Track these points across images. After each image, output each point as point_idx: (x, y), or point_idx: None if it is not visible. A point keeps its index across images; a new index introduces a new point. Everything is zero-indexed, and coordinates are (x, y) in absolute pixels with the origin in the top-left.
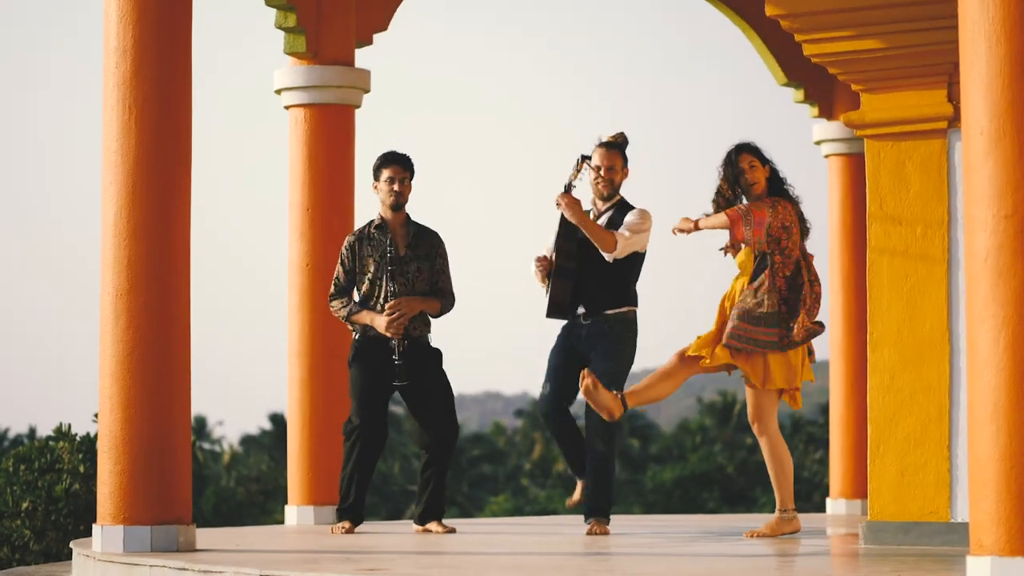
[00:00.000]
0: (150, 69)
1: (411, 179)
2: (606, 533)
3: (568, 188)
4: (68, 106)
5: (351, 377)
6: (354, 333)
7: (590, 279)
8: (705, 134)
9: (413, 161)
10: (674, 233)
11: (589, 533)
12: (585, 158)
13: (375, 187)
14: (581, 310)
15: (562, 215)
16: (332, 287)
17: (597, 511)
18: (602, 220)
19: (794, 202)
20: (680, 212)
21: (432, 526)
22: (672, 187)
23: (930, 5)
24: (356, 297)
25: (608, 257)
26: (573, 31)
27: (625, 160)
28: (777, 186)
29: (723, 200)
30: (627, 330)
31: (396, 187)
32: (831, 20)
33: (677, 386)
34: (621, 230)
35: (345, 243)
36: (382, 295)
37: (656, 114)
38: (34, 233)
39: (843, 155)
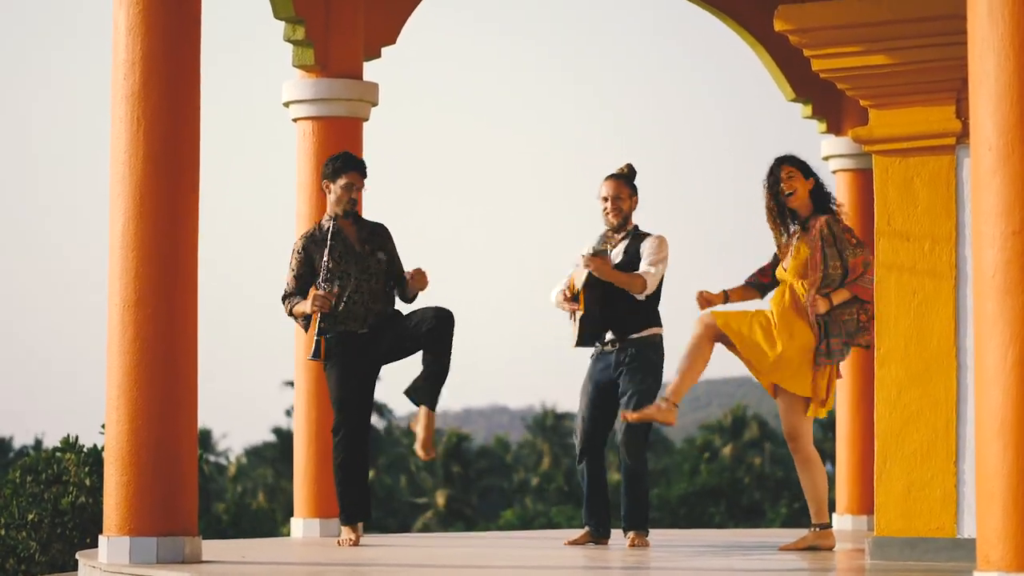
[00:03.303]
0: (159, 81)
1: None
2: (646, 545)
3: (596, 252)
4: (68, 116)
5: (328, 383)
6: (321, 337)
7: (616, 305)
8: (712, 149)
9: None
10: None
11: (631, 546)
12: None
13: (327, 187)
14: (609, 336)
15: (588, 272)
16: (283, 291)
17: (636, 524)
18: (619, 248)
19: (829, 218)
20: (688, 228)
21: (420, 415)
22: (679, 202)
23: (939, 21)
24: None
25: (640, 297)
26: (581, 45)
27: (633, 190)
28: (821, 202)
29: (770, 213)
30: (654, 353)
31: (353, 195)
32: (839, 35)
33: (708, 359)
34: (644, 266)
35: (295, 247)
36: (348, 291)
37: (662, 128)
38: (39, 242)
39: (851, 171)
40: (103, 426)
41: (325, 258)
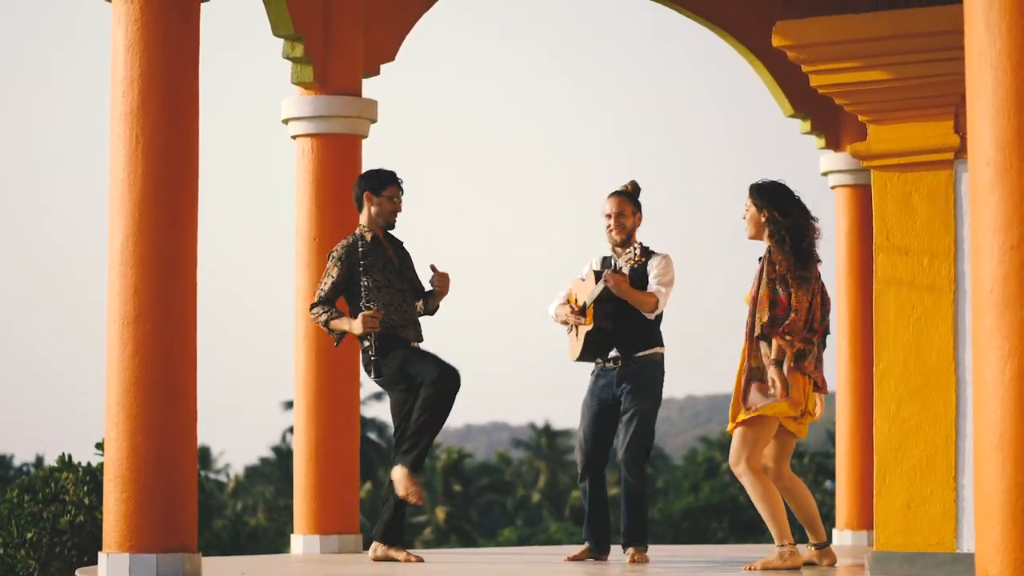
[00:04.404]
0: (157, 99)
1: None
2: (646, 561)
3: (615, 266)
4: (69, 118)
5: (390, 394)
6: (369, 350)
7: (624, 323)
8: (712, 163)
9: None
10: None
11: (631, 561)
12: (646, 252)
13: (370, 200)
14: (614, 353)
15: (604, 288)
16: (316, 296)
17: (636, 540)
18: (624, 267)
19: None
20: (687, 242)
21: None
22: (679, 216)
23: (937, 36)
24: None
25: (651, 316)
26: (582, 59)
27: (637, 207)
28: (771, 233)
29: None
30: (656, 371)
31: (399, 206)
32: (838, 51)
33: (789, 481)
34: (655, 285)
35: (336, 255)
36: (398, 302)
37: (662, 143)
38: (38, 256)
39: (850, 186)
40: (97, 444)
41: (367, 268)
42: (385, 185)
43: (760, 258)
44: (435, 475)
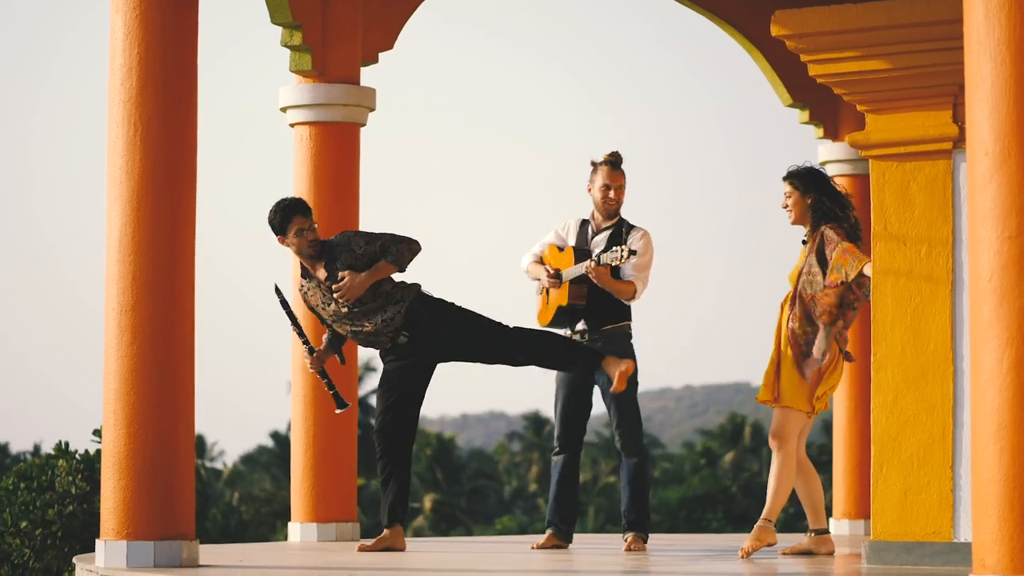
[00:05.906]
0: (156, 86)
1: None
2: (643, 550)
3: (599, 261)
4: (62, 118)
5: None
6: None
7: (597, 299)
8: (709, 153)
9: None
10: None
11: (627, 549)
12: (631, 252)
13: (283, 243)
14: (581, 327)
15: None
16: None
17: (637, 525)
18: (602, 235)
19: (825, 230)
20: (684, 232)
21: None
22: (676, 206)
23: (936, 26)
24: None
25: (630, 304)
26: (580, 49)
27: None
28: (820, 215)
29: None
30: (625, 341)
31: (309, 237)
32: (837, 40)
33: (803, 462)
34: (630, 272)
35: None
36: (349, 334)
37: (659, 131)
38: (36, 246)
39: (848, 176)
40: (95, 431)
41: (316, 308)
42: (286, 224)
43: (803, 240)
44: (422, 462)
